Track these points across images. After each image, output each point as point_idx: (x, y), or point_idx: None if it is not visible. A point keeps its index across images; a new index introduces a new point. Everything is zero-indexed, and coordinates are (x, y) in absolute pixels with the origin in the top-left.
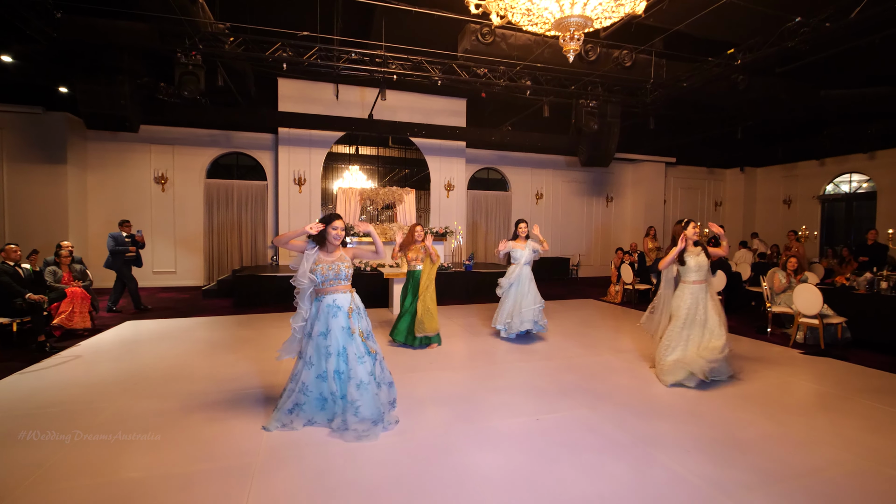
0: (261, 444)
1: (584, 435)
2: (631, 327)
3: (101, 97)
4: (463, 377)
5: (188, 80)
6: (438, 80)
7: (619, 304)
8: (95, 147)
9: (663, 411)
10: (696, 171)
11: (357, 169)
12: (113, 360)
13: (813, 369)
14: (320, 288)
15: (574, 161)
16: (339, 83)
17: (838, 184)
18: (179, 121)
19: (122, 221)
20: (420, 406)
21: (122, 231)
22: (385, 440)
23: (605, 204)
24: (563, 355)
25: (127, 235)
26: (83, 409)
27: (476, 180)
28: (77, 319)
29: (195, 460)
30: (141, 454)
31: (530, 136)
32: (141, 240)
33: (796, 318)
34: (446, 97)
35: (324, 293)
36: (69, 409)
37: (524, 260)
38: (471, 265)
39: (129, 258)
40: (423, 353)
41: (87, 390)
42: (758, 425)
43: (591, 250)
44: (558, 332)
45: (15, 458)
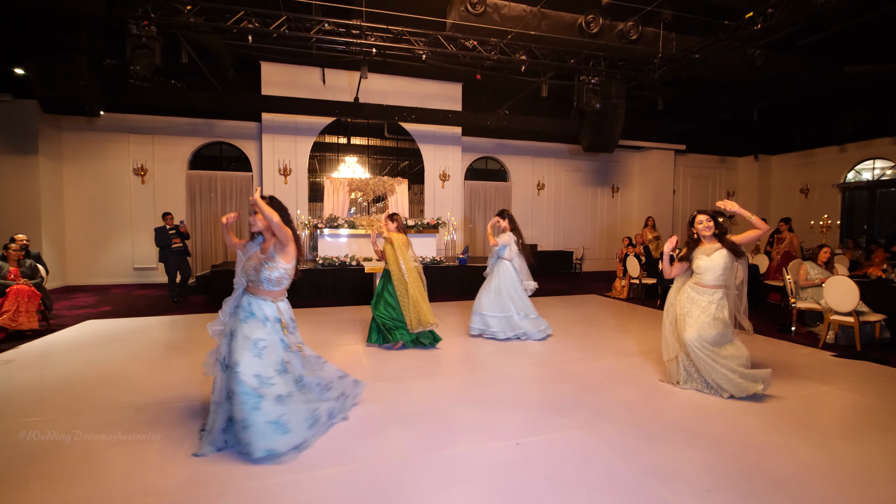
0: (176, 477)
1: (577, 466)
2: (637, 325)
3: (57, 78)
4: (438, 387)
5: (141, 53)
6: (423, 53)
7: (625, 299)
8: (71, 137)
9: (677, 433)
10: (706, 159)
11: (354, 161)
12: (45, 366)
13: (850, 376)
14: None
15: (577, 150)
16: (324, 66)
17: (860, 171)
18: (155, 108)
19: (163, 214)
20: (378, 427)
21: (166, 224)
22: (323, 474)
23: (610, 194)
24: (559, 360)
25: (170, 228)
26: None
27: (474, 170)
28: (23, 319)
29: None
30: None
31: (529, 121)
32: (185, 230)
33: (827, 316)
34: (440, 81)
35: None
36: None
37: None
38: (465, 259)
39: (177, 249)
40: (396, 356)
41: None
42: (794, 452)
43: (595, 243)
44: (556, 331)
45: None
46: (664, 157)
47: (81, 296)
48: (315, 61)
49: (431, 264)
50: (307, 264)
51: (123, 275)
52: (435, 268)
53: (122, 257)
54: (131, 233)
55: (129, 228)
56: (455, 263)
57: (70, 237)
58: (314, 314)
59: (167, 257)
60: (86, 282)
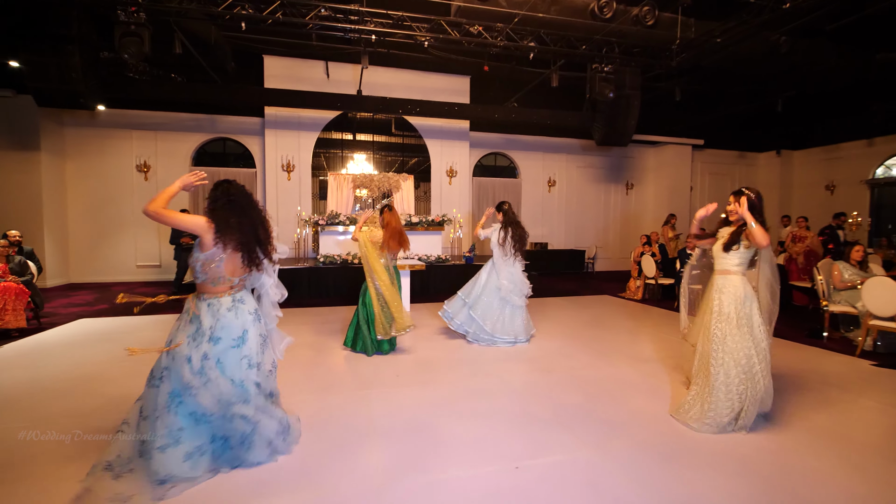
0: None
1: (584, 495)
2: (652, 328)
3: (49, 69)
4: (428, 396)
5: (129, 42)
6: (426, 40)
7: (640, 300)
8: (73, 133)
9: (700, 455)
10: (726, 154)
11: (363, 159)
12: (23, 366)
13: (895, 388)
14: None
15: (589, 145)
16: (327, 60)
17: (890, 166)
18: (156, 102)
19: (181, 210)
20: (359, 442)
21: None
22: (285, 500)
23: (624, 191)
24: (566, 365)
25: None
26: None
27: (482, 167)
28: (9, 318)
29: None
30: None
31: (539, 113)
32: None
33: (865, 321)
34: (447, 75)
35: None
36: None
37: None
38: (471, 257)
39: (188, 246)
40: (385, 361)
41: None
42: (837, 480)
43: (609, 242)
44: (563, 333)
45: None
46: (681, 153)
47: (81, 293)
48: (318, 54)
49: (436, 263)
50: (308, 262)
51: (126, 272)
52: (439, 267)
53: (125, 254)
54: (134, 230)
55: (133, 225)
56: (461, 262)
57: (73, 234)
58: (313, 314)
59: (178, 254)
60: (88, 279)
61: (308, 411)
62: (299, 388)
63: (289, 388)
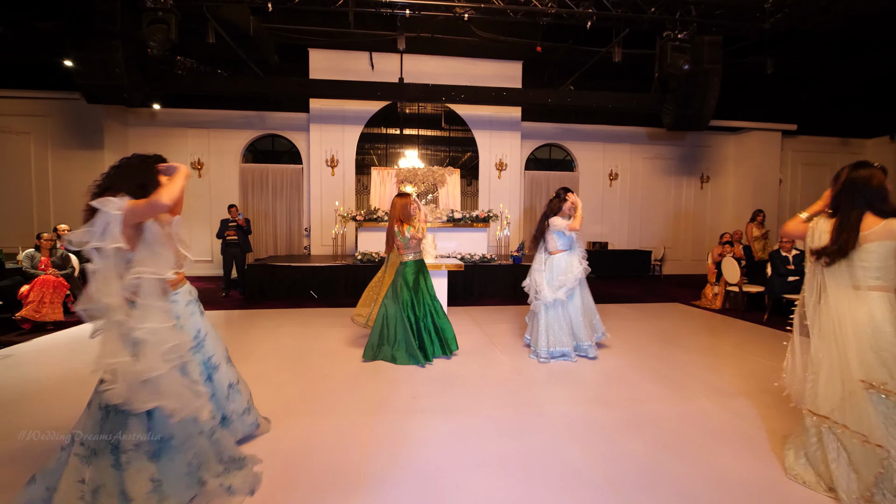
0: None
1: None
2: (738, 348)
3: (94, 65)
4: (445, 431)
5: (156, 29)
6: (465, 12)
7: (719, 310)
8: (135, 133)
9: None
10: (823, 141)
11: (413, 155)
12: (45, 363)
13: None
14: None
15: (657, 133)
16: (371, 50)
17: None
18: (207, 100)
19: (229, 206)
20: (345, 493)
21: (230, 216)
22: None
23: (698, 185)
24: (627, 396)
25: (231, 220)
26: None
27: (536, 160)
28: (46, 311)
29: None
30: None
31: (598, 96)
32: (243, 223)
33: None
34: (497, 60)
35: None
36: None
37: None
38: (519, 257)
39: (231, 241)
40: (408, 375)
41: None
42: None
43: (679, 242)
44: (626, 351)
45: None
46: (768, 140)
47: None
48: (361, 45)
49: (480, 262)
50: (346, 260)
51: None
52: (484, 267)
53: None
54: (189, 226)
55: (187, 221)
56: (509, 262)
57: None
58: (345, 314)
59: (224, 250)
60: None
61: (292, 442)
62: (294, 410)
63: (288, 406)
